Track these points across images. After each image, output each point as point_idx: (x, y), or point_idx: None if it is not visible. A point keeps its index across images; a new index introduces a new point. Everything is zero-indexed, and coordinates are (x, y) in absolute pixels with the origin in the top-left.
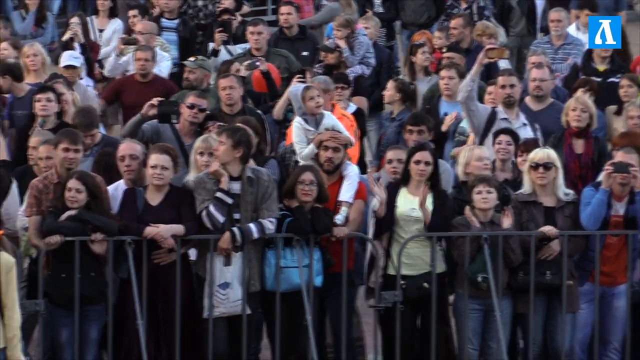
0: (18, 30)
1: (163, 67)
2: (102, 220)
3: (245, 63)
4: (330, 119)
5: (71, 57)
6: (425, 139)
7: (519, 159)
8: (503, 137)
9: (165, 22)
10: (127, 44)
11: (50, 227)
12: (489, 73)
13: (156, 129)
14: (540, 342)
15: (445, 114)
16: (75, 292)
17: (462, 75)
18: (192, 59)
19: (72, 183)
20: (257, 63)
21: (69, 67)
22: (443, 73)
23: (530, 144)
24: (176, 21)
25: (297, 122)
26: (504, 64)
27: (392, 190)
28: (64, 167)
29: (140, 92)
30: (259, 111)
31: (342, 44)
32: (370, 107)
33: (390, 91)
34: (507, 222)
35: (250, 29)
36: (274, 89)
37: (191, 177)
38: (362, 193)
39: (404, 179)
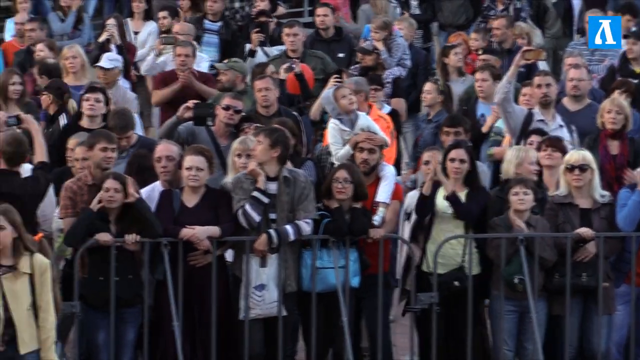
0: (56, 31)
1: (202, 67)
2: (153, 216)
3: (284, 66)
4: (365, 119)
5: (105, 59)
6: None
7: (542, 153)
8: (534, 138)
9: (208, 24)
10: (166, 44)
11: (69, 236)
12: (529, 75)
13: (192, 131)
14: (576, 344)
15: (483, 116)
16: (112, 295)
17: (496, 77)
18: (225, 61)
19: (110, 183)
20: (293, 65)
21: (100, 68)
22: (477, 75)
23: (554, 141)
24: (219, 24)
25: (332, 123)
26: (542, 65)
27: (431, 190)
28: (99, 167)
29: (181, 87)
30: (295, 113)
31: (380, 46)
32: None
33: (432, 94)
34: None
35: (286, 30)
36: (307, 90)
37: (229, 178)
38: (398, 194)
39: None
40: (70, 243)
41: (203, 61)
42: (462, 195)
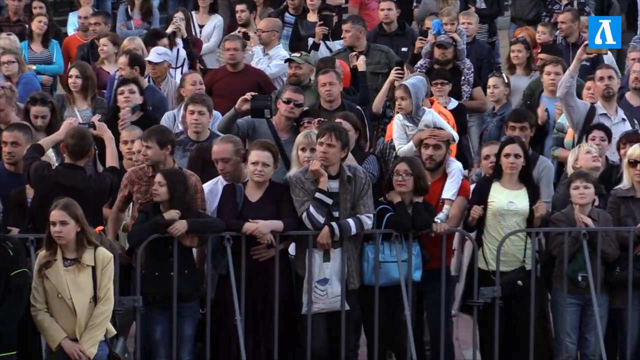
0: (122, 23)
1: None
2: (207, 222)
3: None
4: (430, 115)
5: (154, 53)
6: (527, 136)
7: (622, 151)
8: (597, 133)
9: (288, 17)
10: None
11: (131, 236)
12: (594, 69)
13: (252, 124)
14: (637, 338)
15: (547, 110)
16: (174, 291)
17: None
18: (296, 54)
19: (157, 177)
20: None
21: (148, 62)
22: (550, 68)
23: (631, 136)
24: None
25: (397, 118)
26: (607, 59)
27: (485, 186)
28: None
29: (230, 82)
30: (358, 107)
31: (457, 37)
32: None
33: (499, 87)
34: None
35: (344, 27)
36: (357, 84)
37: (293, 172)
38: (465, 190)
39: (496, 174)
40: (133, 244)
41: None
42: (522, 193)
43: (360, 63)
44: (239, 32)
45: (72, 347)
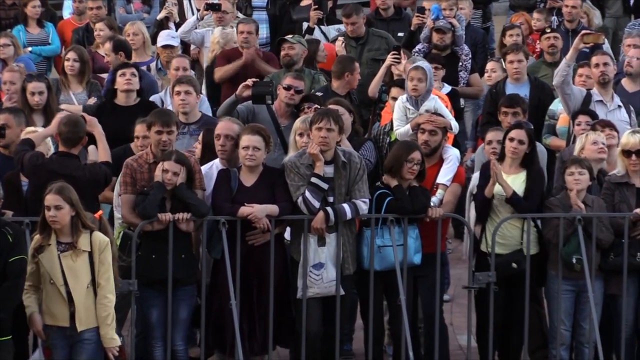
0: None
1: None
2: (196, 199)
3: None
4: (433, 101)
5: (169, 37)
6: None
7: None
8: (582, 118)
9: (255, 1)
10: (209, 9)
11: (143, 210)
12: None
13: (251, 110)
14: (632, 323)
15: None
16: (169, 274)
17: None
18: (289, 36)
19: (169, 165)
20: None
21: (166, 46)
22: (511, 57)
23: (607, 121)
24: (265, 0)
25: (400, 100)
26: (605, 47)
27: (488, 170)
28: (158, 147)
29: (243, 65)
30: (354, 90)
31: (455, 22)
32: None
33: (498, 71)
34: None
35: (344, 19)
36: None
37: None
38: (460, 177)
39: (500, 158)
40: (147, 215)
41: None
42: (520, 177)
43: (340, 49)
44: (207, 2)
45: (35, 324)
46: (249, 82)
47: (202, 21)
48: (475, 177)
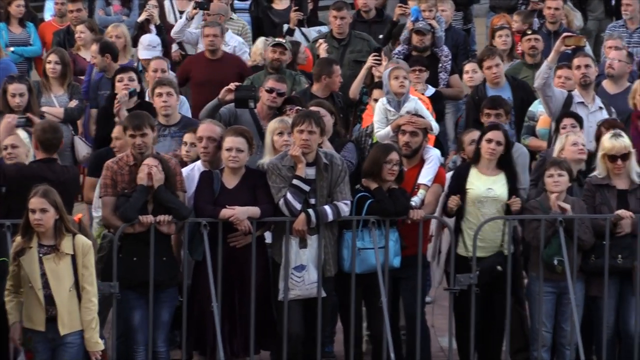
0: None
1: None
2: (177, 202)
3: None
4: (413, 103)
5: (149, 47)
6: (502, 122)
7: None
8: (567, 121)
9: (237, 3)
10: (197, 8)
11: (124, 213)
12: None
13: (234, 113)
14: (613, 325)
15: None
16: (150, 276)
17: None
18: (281, 40)
19: (150, 161)
20: None
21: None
22: (488, 63)
23: (611, 122)
24: (248, 2)
25: (380, 102)
26: (588, 49)
27: (463, 172)
28: (135, 151)
29: (209, 69)
30: (340, 93)
31: (435, 24)
32: None
33: (478, 72)
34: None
35: (333, 12)
36: None
37: (267, 159)
38: (441, 178)
39: (474, 159)
40: (127, 219)
41: (244, 54)
42: (500, 179)
43: (322, 52)
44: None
45: (14, 335)
46: (232, 86)
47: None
48: (447, 177)
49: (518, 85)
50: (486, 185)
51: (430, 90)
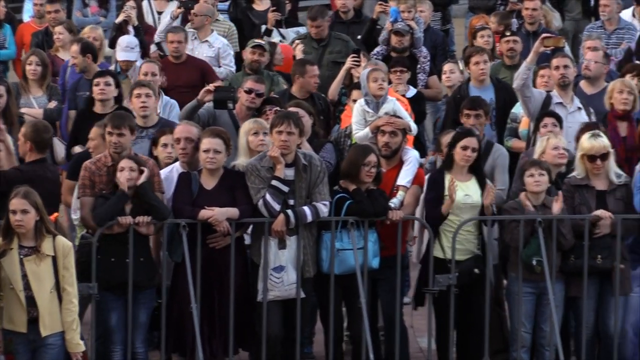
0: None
1: (231, 64)
2: (159, 201)
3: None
4: (392, 104)
5: (127, 49)
6: (482, 123)
7: None
8: (548, 120)
9: (218, 5)
10: (181, 7)
11: (99, 215)
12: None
13: (212, 113)
14: (592, 326)
15: None
16: (129, 277)
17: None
18: (261, 41)
19: (125, 162)
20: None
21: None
22: (476, 59)
23: (592, 126)
24: (227, 3)
25: (358, 103)
26: (567, 50)
27: (439, 176)
28: (111, 150)
29: (174, 74)
30: (323, 95)
31: (414, 25)
32: None
33: (456, 73)
34: (557, 207)
35: (309, 22)
36: None
37: (242, 161)
38: (420, 179)
39: (447, 164)
40: (101, 223)
41: (230, 57)
42: (473, 184)
43: (298, 53)
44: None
45: None
46: (211, 87)
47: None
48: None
49: (501, 86)
50: (463, 192)
51: (412, 91)
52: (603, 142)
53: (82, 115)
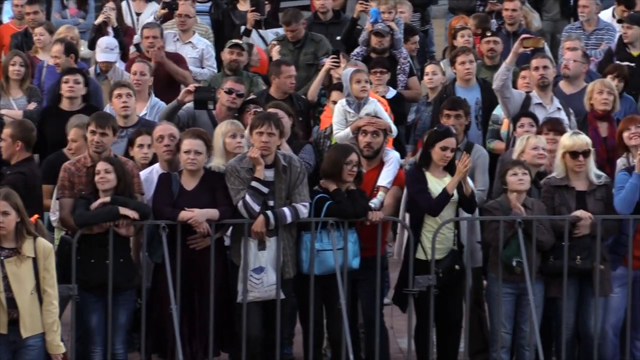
0: (57, 13)
1: (214, 65)
2: (135, 203)
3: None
4: (373, 105)
5: (107, 50)
6: (462, 124)
7: (544, 137)
8: (525, 120)
9: (198, 5)
10: (165, 8)
11: (82, 218)
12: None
13: (192, 114)
14: (573, 326)
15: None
16: (109, 279)
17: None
18: (239, 41)
19: (101, 165)
20: None
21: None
22: (462, 58)
23: (555, 124)
24: (208, 4)
25: (340, 104)
26: (547, 50)
27: (420, 174)
28: (93, 150)
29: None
30: (304, 96)
31: (394, 26)
32: None
33: (438, 74)
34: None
35: (284, 26)
36: None
37: (218, 162)
38: (400, 180)
39: (425, 163)
40: (82, 225)
41: (212, 58)
42: (447, 179)
43: (275, 54)
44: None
45: None
46: (191, 87)
47: (164, 24)
48: None
49: (488, 87)
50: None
51: (392, 92)
52: (584, 138)
53: (48, 110)
